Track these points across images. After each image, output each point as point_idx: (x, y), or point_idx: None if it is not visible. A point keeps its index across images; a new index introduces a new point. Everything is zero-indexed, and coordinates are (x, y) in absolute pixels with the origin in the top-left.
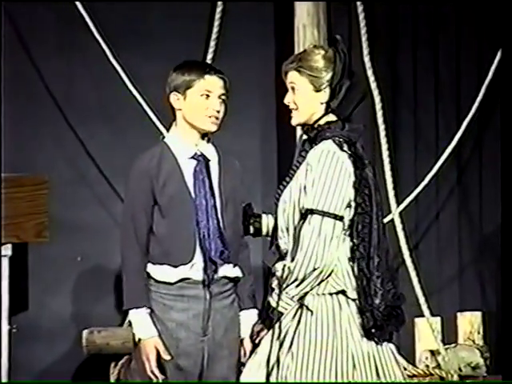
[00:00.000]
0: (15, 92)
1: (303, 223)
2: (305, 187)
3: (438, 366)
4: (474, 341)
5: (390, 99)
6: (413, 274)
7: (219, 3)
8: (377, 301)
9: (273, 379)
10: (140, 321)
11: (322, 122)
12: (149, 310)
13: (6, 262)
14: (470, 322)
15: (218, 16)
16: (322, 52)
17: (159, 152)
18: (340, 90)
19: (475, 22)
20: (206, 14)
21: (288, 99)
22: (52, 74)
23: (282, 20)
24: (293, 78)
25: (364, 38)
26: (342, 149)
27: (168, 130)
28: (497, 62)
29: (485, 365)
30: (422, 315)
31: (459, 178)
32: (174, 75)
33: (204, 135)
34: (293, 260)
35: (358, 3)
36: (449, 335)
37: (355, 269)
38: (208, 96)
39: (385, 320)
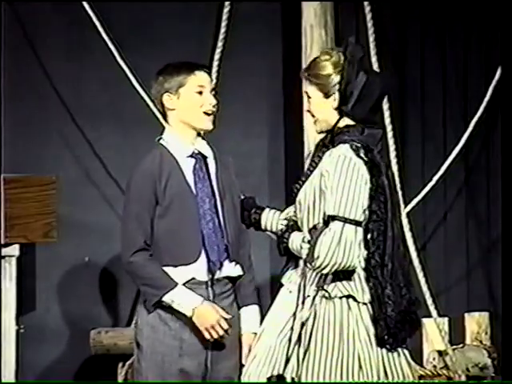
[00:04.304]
0: (23, 93)
1: (323, 229)
2: (322, 193)
3: (446, 366)
4: (481, 341)
5: (398, 99)
6: (420, 274)
7: (226, 3)
8: (389, 308)
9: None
10: (182, 295)
11: (340, 125)
12: (183, 286)
13: (13, 263)
14: (477, 323)
15: (225, 16)
16: (328, 57)
17: (159, 153)
18: (351, 94)
19: (483, 23)
20: (213, 15)
21: (306, 107)
22: (60, 75)
23: (289, 20)
24: (305, 86)
25: (371, 39)
26: (358, 155)
27: (162, 133)
28: None
29: (492, 365)
30: (430, 316)
31: (467, 179)
32: (162, 78)
33: (199, 133)
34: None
35: (366, 4)
36: (456, 336)
37: (370, 277)
38: (201, 92)
39: (398, 328)
